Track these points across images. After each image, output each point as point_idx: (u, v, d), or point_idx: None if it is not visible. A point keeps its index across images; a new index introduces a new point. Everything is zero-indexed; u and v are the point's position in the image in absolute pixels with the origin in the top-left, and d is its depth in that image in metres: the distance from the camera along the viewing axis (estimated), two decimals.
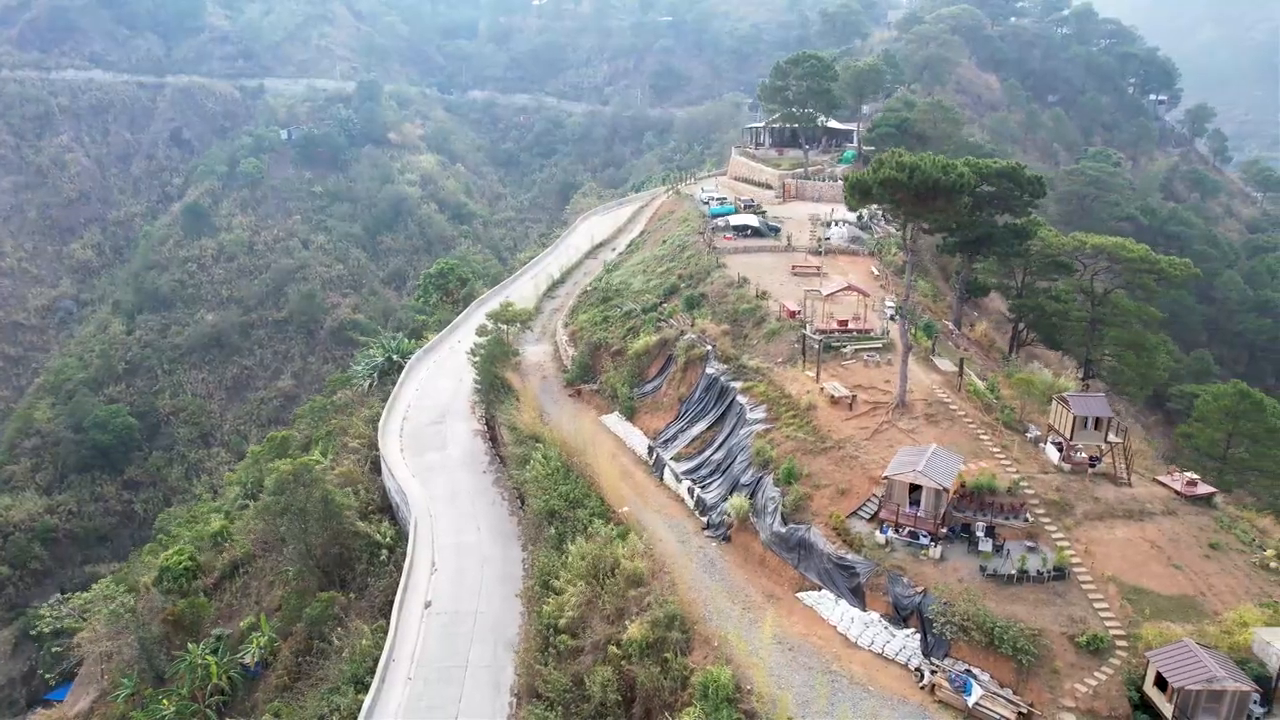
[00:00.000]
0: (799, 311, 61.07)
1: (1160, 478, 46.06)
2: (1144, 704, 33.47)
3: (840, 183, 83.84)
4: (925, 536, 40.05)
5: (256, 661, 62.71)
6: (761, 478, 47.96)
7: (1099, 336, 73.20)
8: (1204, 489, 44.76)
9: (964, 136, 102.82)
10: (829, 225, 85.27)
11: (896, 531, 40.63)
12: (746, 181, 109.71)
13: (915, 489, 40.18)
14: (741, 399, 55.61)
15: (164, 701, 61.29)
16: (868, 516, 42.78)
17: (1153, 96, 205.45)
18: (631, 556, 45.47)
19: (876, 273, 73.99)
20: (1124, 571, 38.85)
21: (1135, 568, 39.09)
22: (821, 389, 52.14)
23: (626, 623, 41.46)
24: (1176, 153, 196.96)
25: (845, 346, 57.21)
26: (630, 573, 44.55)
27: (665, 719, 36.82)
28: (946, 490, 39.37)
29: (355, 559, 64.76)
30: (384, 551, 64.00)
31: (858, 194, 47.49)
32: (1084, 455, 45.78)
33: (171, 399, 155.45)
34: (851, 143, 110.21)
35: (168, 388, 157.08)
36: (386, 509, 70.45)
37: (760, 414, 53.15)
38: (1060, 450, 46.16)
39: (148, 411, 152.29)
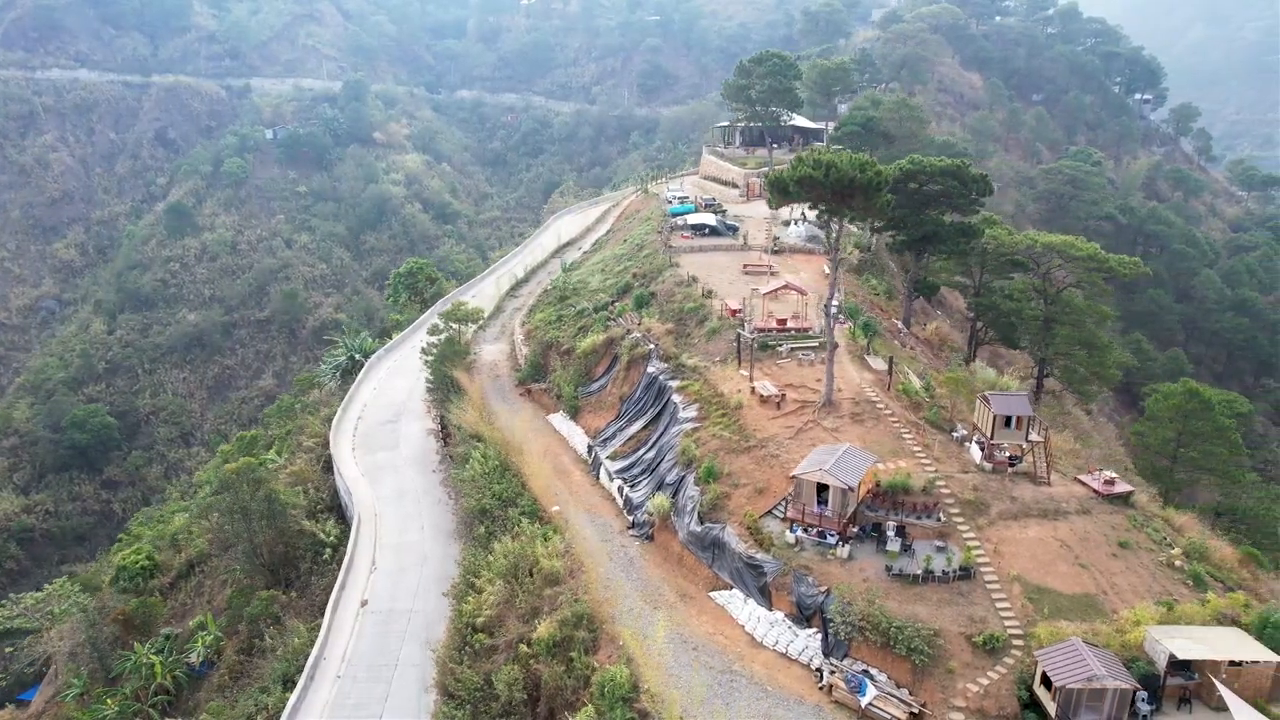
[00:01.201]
0: (740, 310, 61.00)
1: (1081, 477, 45.94)
2: (1033, 703, 33.42)
3: None
4: (833, 536, 39.98)
5: (202, 661, 62.67)
6: (684, 477, 47.96)
7: (1052, 335, 73.05)
8: (1122, 488, 44.66)
9: (929, 135, 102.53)
10: (788, 224, 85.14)
11: (806, 531, 40.57)
12: (715, 180, 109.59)
13: (823, 488, 40.10)
14: (676, 398, 55.58)
15: (107, 701, 61.36)
16: (781, 516, 42.72)
17: (1138, 96, 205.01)
18: (550, 556, 45.46)
19: (828, 271, 73.80)
20: (1030, 571, 38.78)
21: (1042, 567, 39.01)
22: (752, 388, 52.08)
23: (537, 622, 41.44)
24: (1160, 152, 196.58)
25: (781, 345, 57.12)
26: (548, 572, 44.57)
27: (565, 718, 36.80)
28: (852, 489, 39.26)
29: (300, 558, 64.83)
30: (328, 550, 63.99)
31: (776, 192, 47.45)
32: (1006, 454, 45.69)
33: (152, 398, 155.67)
34: (821, 141, 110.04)
35: (148, 387, 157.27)
36: (337, 508, 70.48)
37: (692, 413, 53.12)
38: (983, 449, 46.06)
39: (128, 411, 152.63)
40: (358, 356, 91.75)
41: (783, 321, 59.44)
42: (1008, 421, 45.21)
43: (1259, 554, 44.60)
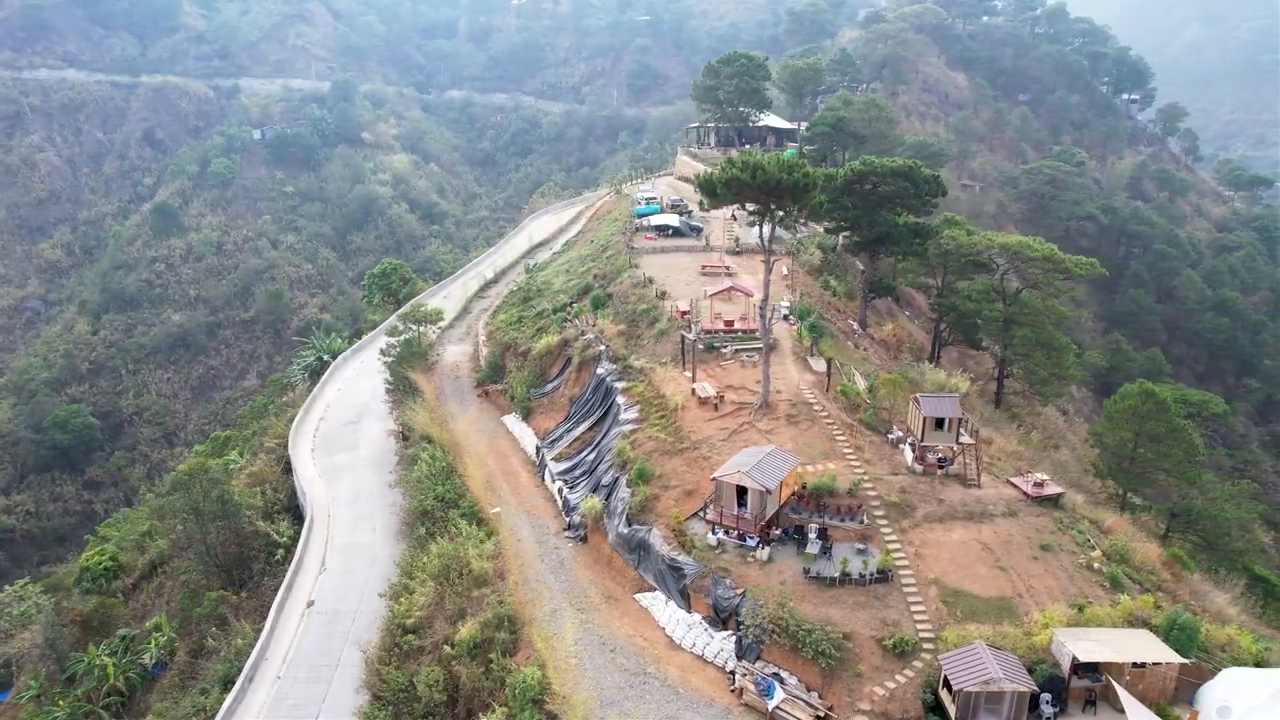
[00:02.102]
0: (688, 312, 61.02)
1: (1012, 479, 45.91)
2: (938, 706, 33.42)
3: None
4: (752, 538, 40.01)
5: (155, 662, 62.73)
6: (619, 479, 48.01)
7: (1011, 336, 72.95)
8: (1052, 490, 44.61)
9: (899, 135, 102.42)
10: (752, 225, 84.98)
11: (727, 533, 40.61)
12: (689, 181, 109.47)
13: (743, 491, 40.11)
14: (620, 399, 55.65)
15: (59, 703, 61.44)
16: (705, 518, 42.72)
17: (1125, 96, 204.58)
18: (481, 557, 45.55)
19: (786, 272, 73.92)
20: (949, 574, 38.75)
21: (962, 570, 38.99)
22: (692, 390, 52.12)
23: (461, 624, 41.53)
24: (1148, 152, 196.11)
25: (727, 347, 57.15)
26: (477, 573, 44.67)
27: (479, 719, 36.91)
28: (771, 492, 39.26)
29: (254, 558, 64.93)
30: (280, 551, 64.05)
31: (705, 194, 47.47)
32: (938, 456, 45.68)
33: (135, 399, 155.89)
34: (795, 141, 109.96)
35: (132, 388, 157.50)
36: (295, 508, 70.55)
37: (633, 414, 53.19)
38: (914, 451, 46.06)
39: (111, 411, 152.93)
40: (326, 357, 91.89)
41: (730, 323, 59.49)
42: (939, 423, 45.18)
43: (1184, 555, 44.53)
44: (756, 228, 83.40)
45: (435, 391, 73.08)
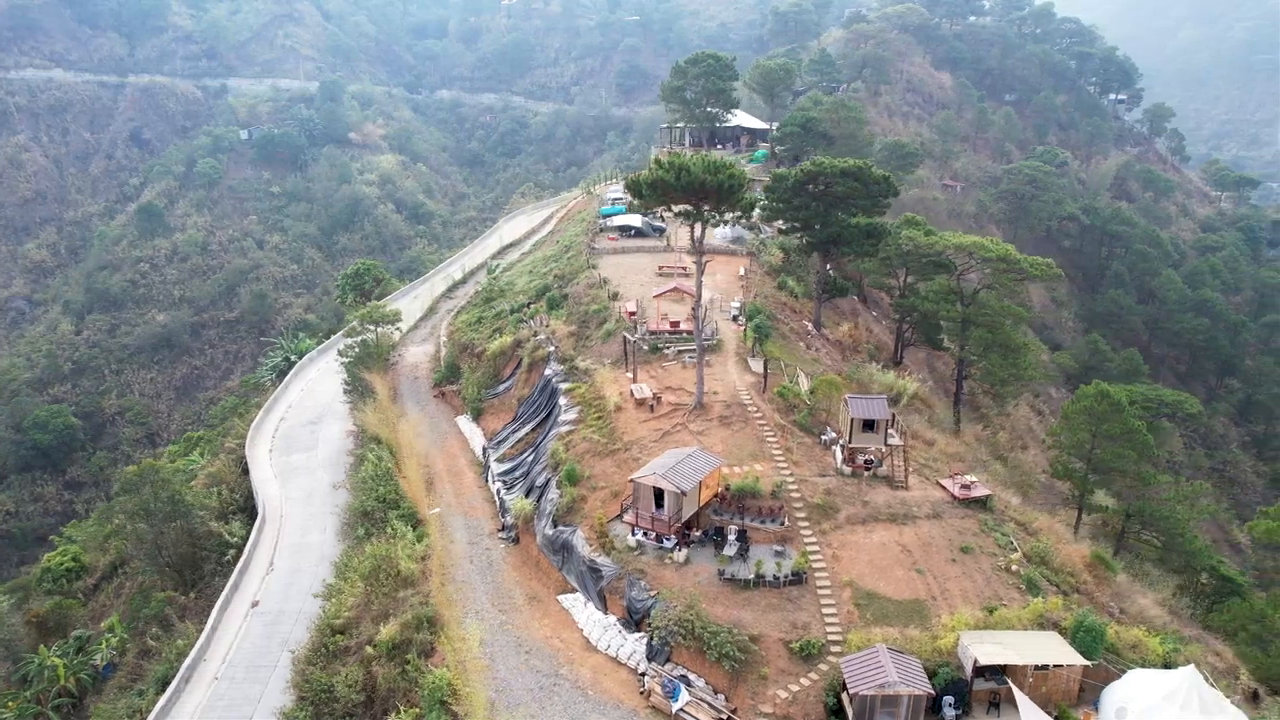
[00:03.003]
0: (635, 312, 61.00)
1: (942, 481, 45.84)
2: (840, 709, 33.36)
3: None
4: (669, 540, 39.98)
5: (105, 663, 62.73)
6: (550, 480, 47.99)
7: (968, 336, 72.82)
8: (980, 492, 44.54)
9: (869, 135, 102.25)
10: (716, 225, 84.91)
11: (646, 535, 40.58)
12: None
13: (661, 492, 40.07)
14: (562, 400, 55.64)
15: (9, 704, 61.43)
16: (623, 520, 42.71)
17: (1113, 96, 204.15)
18: (409, 558, 45.53)
19: (743, 272, 73.89)
20: (865, 576, 38.71)
21: (879, 572, 38.95)
22: (631, 391, 52.09)
23: (383, 625, 41.53)
24: (1134, 152, 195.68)
25: (670, 348, 57.12)
26: (404, 574, 44.64)
27: None
28: (685, 494, 39.22)
29: (205, 559, 64.95)
30: (231, 551, 64.06)
31: (633, 194, 47.43)
32: (865, 458, 45.61)
33: (118, 399, 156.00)
34: (766, 140, 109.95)
35: (115, 388, 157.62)
36: (251, 509, 70.53)
37: (572, 415, 53.20)
38: (844, 453, 46.00)
39: (93, 411, 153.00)
40: (293, 358, 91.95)
41: (675, 324, 59.47)
42: (867, 425, 45.13)
43: (1106, 558, 44.38)
44: (721, 227, 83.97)
45: (392, 392, 73.14)
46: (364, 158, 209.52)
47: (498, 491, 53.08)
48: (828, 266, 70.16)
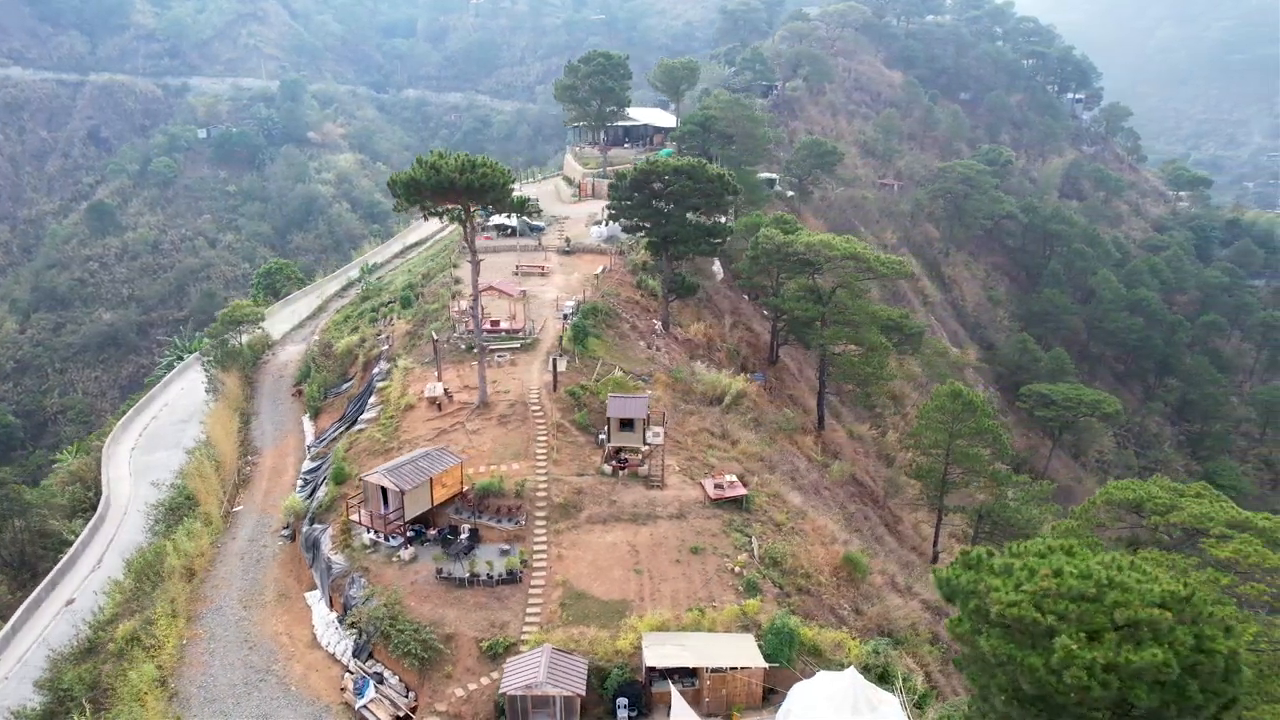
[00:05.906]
0: (462, 310, 61.10)
1: (703, 480, 45.76)
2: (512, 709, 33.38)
3: None
4: (396, 538, 40.09)
5: None
6: (326, 477, 48.14)
7: (824, 336, 72.60)
8: (735, 492, 44.44)
9: (765, 134, 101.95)
10: (599, 224, 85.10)
11: (376, 534, 40.70)
12: (568, 181, 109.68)
13: (387, 490, 40.20)
14: (372, 399, 55.80)
15: None
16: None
17: (1070, 95, 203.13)
18: (177, 554, 45.75)
19: (601, 271, 73.93)
20: (582, 576, 38.70)
21: (597, 572, 38.92)
22: (423, 390, 52.24)
23: (124, 622, 41.78)
24: (1090, 151, 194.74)
25: (488, 346, 57.13)
26: (166, 570, 44.85)
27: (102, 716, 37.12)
28: (406, 492, 39.32)
29: (42, 557, 65.25)
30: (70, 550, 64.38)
31: (393, 194, 47.45)
32: (622, 458, 45.59)
33: (60, 397, 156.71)
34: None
35: (57, 386, 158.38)
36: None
37: (372, 414, 53.34)
38: (605, 452, 45.99)
39: (35, 410, 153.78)
40: (185, 356, 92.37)
41: (496, 323, 59.52)
42: (625, 424, 45.13)
43: (858, 559, 44.12)
44: (596, 227, 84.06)
45: (251, 391, 73.35)
46: (322, 157, 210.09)
47: (296, 489, 53.26)
48: (677, 265, 70.02)
